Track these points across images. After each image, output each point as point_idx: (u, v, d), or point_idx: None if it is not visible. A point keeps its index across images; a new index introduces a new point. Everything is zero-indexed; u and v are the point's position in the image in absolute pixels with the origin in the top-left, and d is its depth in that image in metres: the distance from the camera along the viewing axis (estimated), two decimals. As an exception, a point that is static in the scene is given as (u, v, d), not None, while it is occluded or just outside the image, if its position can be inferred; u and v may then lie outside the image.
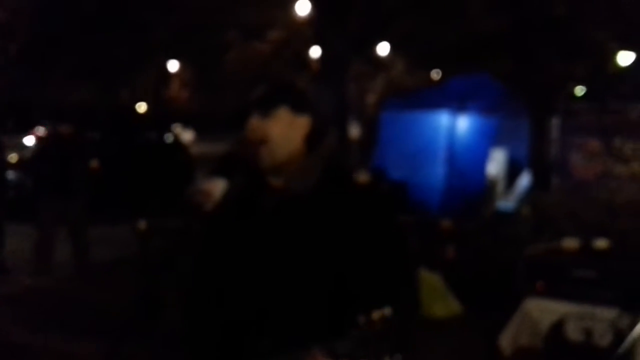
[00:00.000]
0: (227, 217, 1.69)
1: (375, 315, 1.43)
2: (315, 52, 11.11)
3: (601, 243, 4.01)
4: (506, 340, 3.74)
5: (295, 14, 16.05)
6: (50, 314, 5.41)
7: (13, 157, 8.83)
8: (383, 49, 17.95)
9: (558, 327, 3.58)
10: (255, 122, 1.65)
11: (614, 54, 12.54)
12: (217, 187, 1.76)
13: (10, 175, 8.07)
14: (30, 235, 6.60)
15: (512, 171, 10.20)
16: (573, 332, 3.53)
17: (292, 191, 1.64)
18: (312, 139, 1.66)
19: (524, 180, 9.64)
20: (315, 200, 1.63)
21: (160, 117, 13.62)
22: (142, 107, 15.69)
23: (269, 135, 1.63)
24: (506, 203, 9.23)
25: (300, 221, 1.62)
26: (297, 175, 1.64)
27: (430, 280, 5.35)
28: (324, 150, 1.68)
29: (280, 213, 1.64)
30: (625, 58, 13.21)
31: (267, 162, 1.64)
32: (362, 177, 7.95)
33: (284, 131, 1.64)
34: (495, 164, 10.14)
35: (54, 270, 6.50)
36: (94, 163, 6.57)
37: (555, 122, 7.09)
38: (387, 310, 1.44)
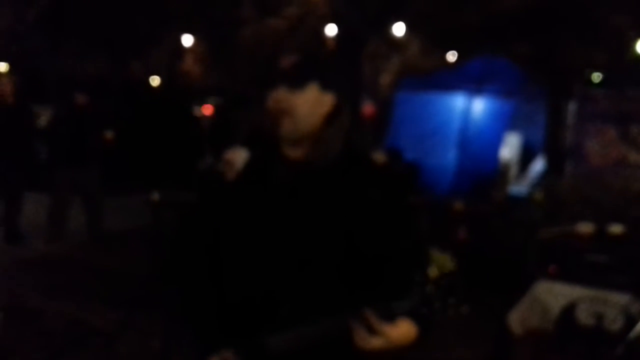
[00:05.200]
0: (242, 186, 1.70)
1: (433, 271, 1.46)
2: (331, 29, 11.00)
3: (616, 228, 3.99)
4: (515, 321, 3.75)
5: (312, -9, 15.89)
6: (64, 280, 5.49)
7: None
8: (399, 29, 17.77)
9: (569, 310, 3.58)
10: (282, 94, 1.64)
11: (634, 41, 12.38)
12: (240, 156, 1.76)
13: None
14: (46, 203, 6.67)
15: (527, 155, 10.16)
16: (584, 315, 3.53)
17: (313, 164, 1.65)
18: (331, 116, 1.66)
19: (538, 164, 9.59)
20: (335, 174, 1.64)
21: (175, 91, 13.65)
22: (155, 80, 15.70)
23: (294, 108, 1.63)
24: (519, 187, 9.20)
25: (320, 195, 1.63)
26: (318, 149, 1.64)
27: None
28: (342, 127, 1.68)
29: (300, 185, 1.64)
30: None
31: (287, 134, 1.64)
32: (379, 156, 7.95)
33: (310, 106, 1.64)
34: (510, 147, 10.10)
35: (67, 237, 6.58)
36: (109, 134, 6.60)
37: (571, 108, 7.02)
38: (449, 264, 1.47)
